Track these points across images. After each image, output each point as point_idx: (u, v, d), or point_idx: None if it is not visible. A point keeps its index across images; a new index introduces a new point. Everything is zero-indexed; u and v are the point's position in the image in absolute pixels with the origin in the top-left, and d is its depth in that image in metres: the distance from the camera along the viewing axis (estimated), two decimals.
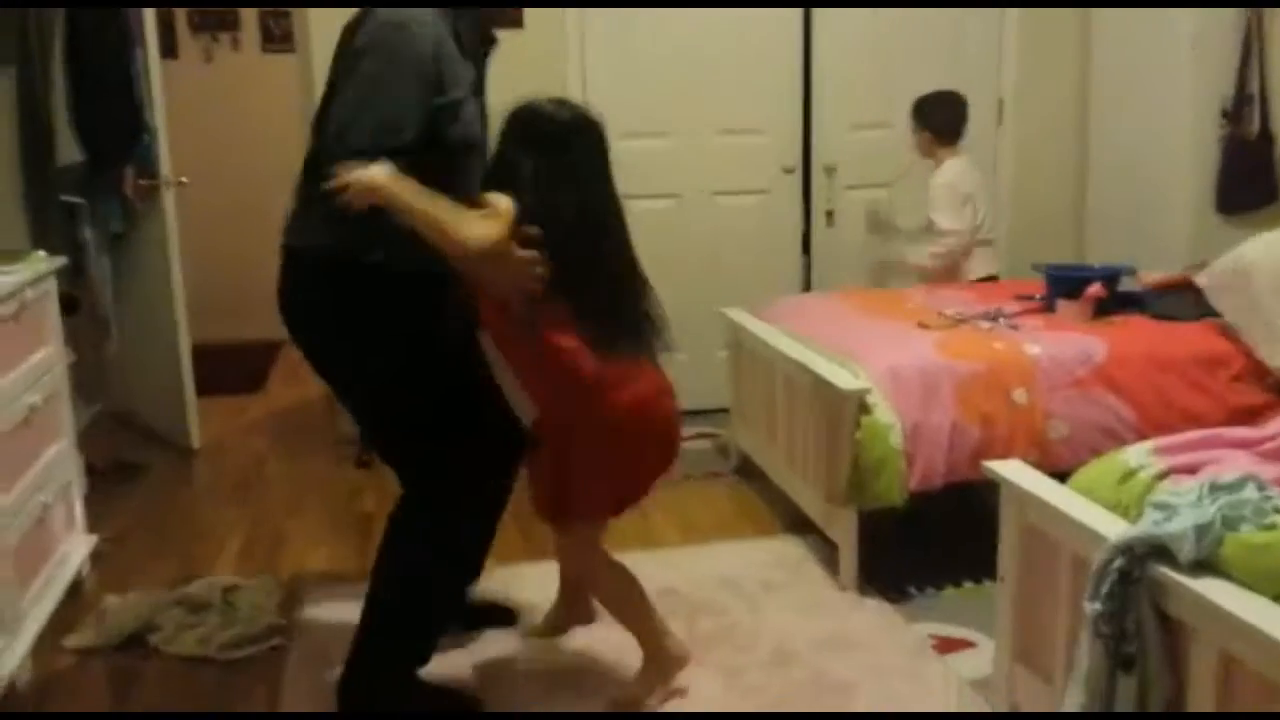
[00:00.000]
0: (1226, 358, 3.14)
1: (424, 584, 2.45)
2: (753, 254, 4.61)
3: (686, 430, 2.69)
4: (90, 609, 3.02)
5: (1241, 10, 4.02)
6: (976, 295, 3.82)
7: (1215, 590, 1.68)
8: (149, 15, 4.14)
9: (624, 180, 2.34)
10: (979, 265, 4.20)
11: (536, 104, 2.28)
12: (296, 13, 4.56)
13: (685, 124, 4.53)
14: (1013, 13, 4.67)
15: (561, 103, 2.32)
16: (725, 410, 4.09)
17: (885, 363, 3.07)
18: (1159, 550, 1.76)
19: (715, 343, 4.19)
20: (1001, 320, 3.42)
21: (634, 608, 2.54)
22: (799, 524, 3.42)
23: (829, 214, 4.64)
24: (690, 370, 4.39)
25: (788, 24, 4.48)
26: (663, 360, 2.41)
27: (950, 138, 4.18)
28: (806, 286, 4.70)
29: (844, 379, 3.04)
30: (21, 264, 2.88)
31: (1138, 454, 2.13)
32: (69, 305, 3.31)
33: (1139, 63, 4.44)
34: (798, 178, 4.60)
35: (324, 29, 4.25)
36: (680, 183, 4.57)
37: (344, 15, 2.40)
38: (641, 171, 4.25)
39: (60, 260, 3.16)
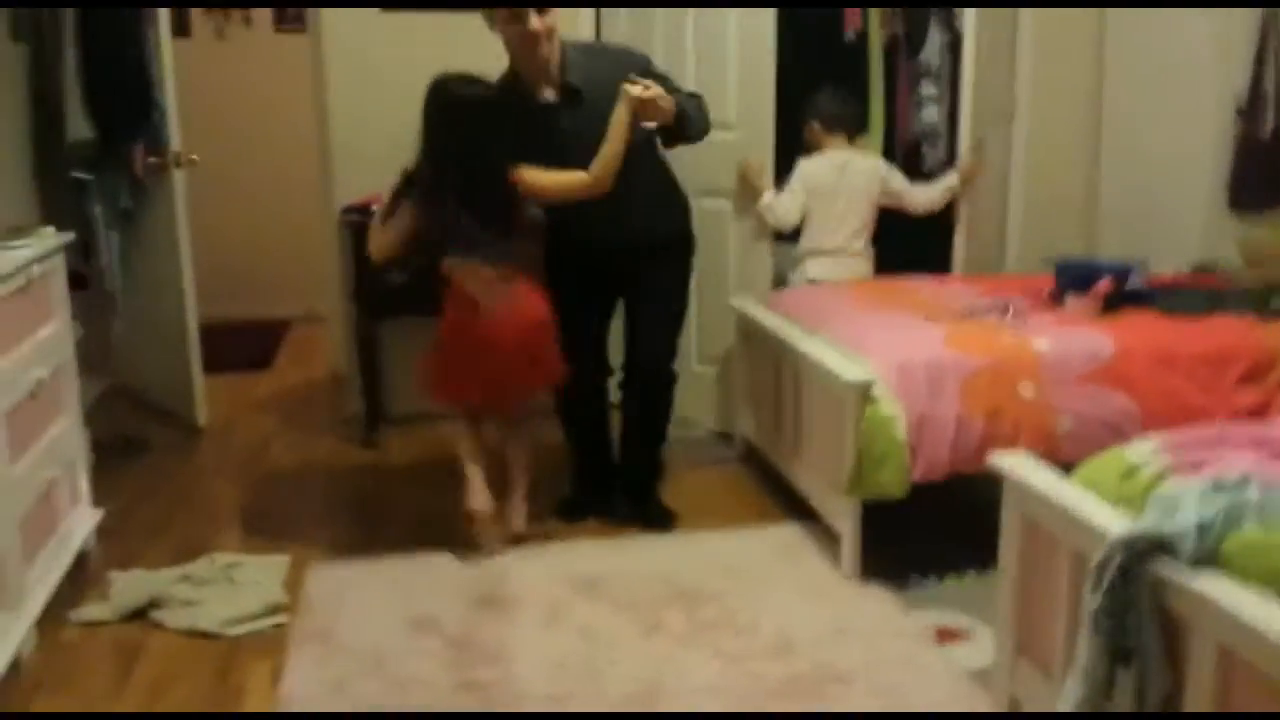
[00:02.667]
0: (1234, 356, 3.13)
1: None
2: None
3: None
4: (95, 583, 3.04)
5: (1258, 9, 4.00)
6: (985, 288, 3.81)
7: (1215, 587, 1.68)
8: None
9: None
10: (824, 271, 4.14)
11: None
12: None
13: None
14: (1027, 10, 4.63)
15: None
16: None
17: (892, 355, 3.07)
18: (1160, 546, 1.76)
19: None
20: (1010, 314, 3.41)
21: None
22: (801, 511, 3.42)
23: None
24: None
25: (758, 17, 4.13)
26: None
27: (832, 127, 4.20)
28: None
29: (849, 370, 3.04)
30: (30, 239, 2.89)
31: (1141, 450, 2.13)
32: (77, 281, 3.32)
33: (1154, 58, 4.41)
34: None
35: (335, 9, 4.26)
36: None
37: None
38: None
39: (68, 236, 3.17)
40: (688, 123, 3.21)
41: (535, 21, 3.04)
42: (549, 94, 3.18)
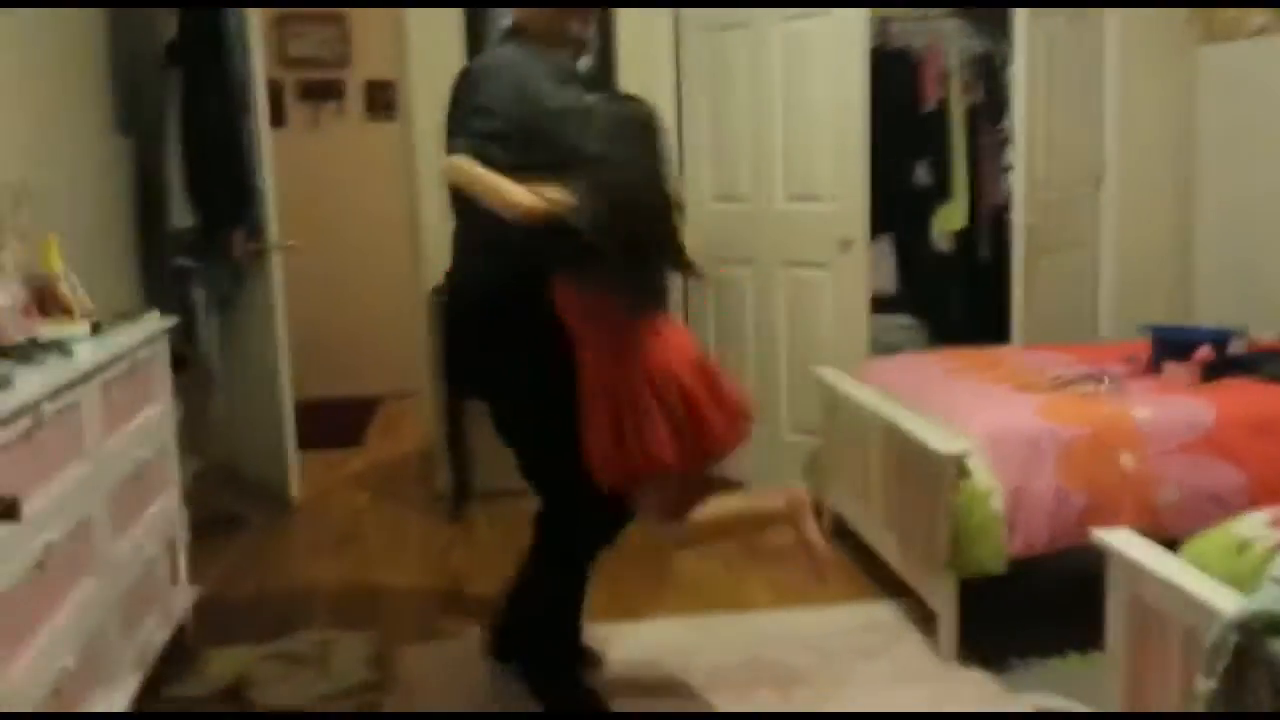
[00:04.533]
0: None
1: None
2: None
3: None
4: (191, 660, 3.09)
5: None
6: (1079, 356, 3.73)
7: None
8: (259, 84, 4.31)
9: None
10: None
11: None
12: (399, 81, 4.71)
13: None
14: (1114, 69, 4.59)
15: None
16: None
17: (985, 426, 3.01)
18: (1278, 626, 1.68)
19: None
20: (1106, 382, 3.33)
21: (730, 516, 2.74)
22: (896, 589, 3.34)
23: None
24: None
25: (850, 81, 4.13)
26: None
27: None
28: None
29: (942, 442, 2.98)
30: (135, 324, 2.99)
31: (1253, 524, 2.04)
32: (178, 362, 3.42)
33: (1245, 116, 4.33)
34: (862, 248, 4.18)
35: (425, 97, 4.39)
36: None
37: (444, 83, 2.55)
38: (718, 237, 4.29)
39: (172, 320, 3.27)
40: None
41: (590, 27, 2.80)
42: None
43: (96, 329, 2.77)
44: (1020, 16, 4.23)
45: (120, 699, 2.61)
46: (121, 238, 4.17)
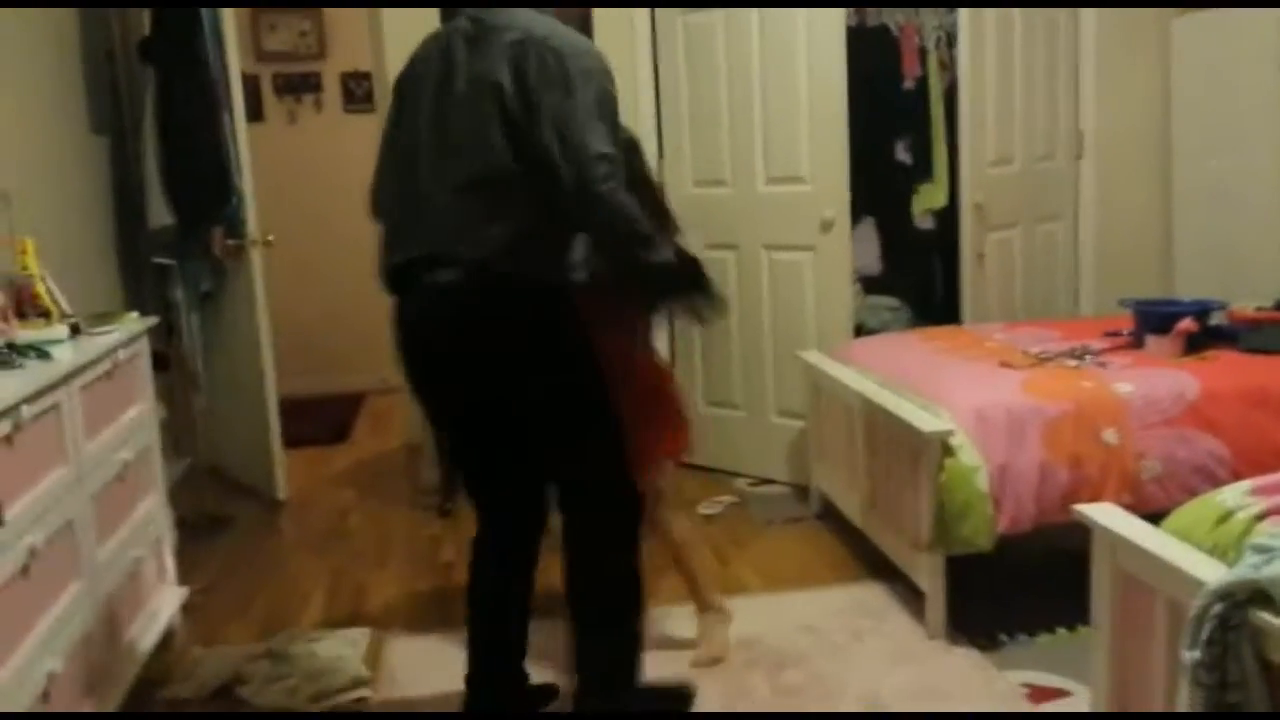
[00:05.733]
0: None
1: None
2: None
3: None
4: (180, 661, 3.08)
5: None
6: (1062, 332, 3.74)
7: None
8: (235, 79, 4.28)
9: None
10: None
11: None
12: (376, 73, 4.68)
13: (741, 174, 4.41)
14: (1090, 43, 4.59)
15: None
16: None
17: (969, 403, 3.01)
18: (1260, 595, 1.68)
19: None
20: (1089, 358, 3.34)
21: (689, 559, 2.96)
22: (883, 569, 3.35)
23: (980, 256, 4.37)
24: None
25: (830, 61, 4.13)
26: None
27: None
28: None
29: (926, 421, 2.99)
30: (116, 324, 2.98)
31: (1234, 494, 2.05)
32: (160, 362, 3.41)
33: (1223, 91, 4.34)
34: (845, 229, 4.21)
35: None
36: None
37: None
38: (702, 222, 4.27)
39: (152, 320, 3.25)
40: None
41: None
42: None
43: (75, 331, 2.76)
44: None
45: (111, 702, 2.60)
46: (100, 238, 4.14)
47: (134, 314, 3.19)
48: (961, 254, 4.35)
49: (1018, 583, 3.21)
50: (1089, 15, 4.57)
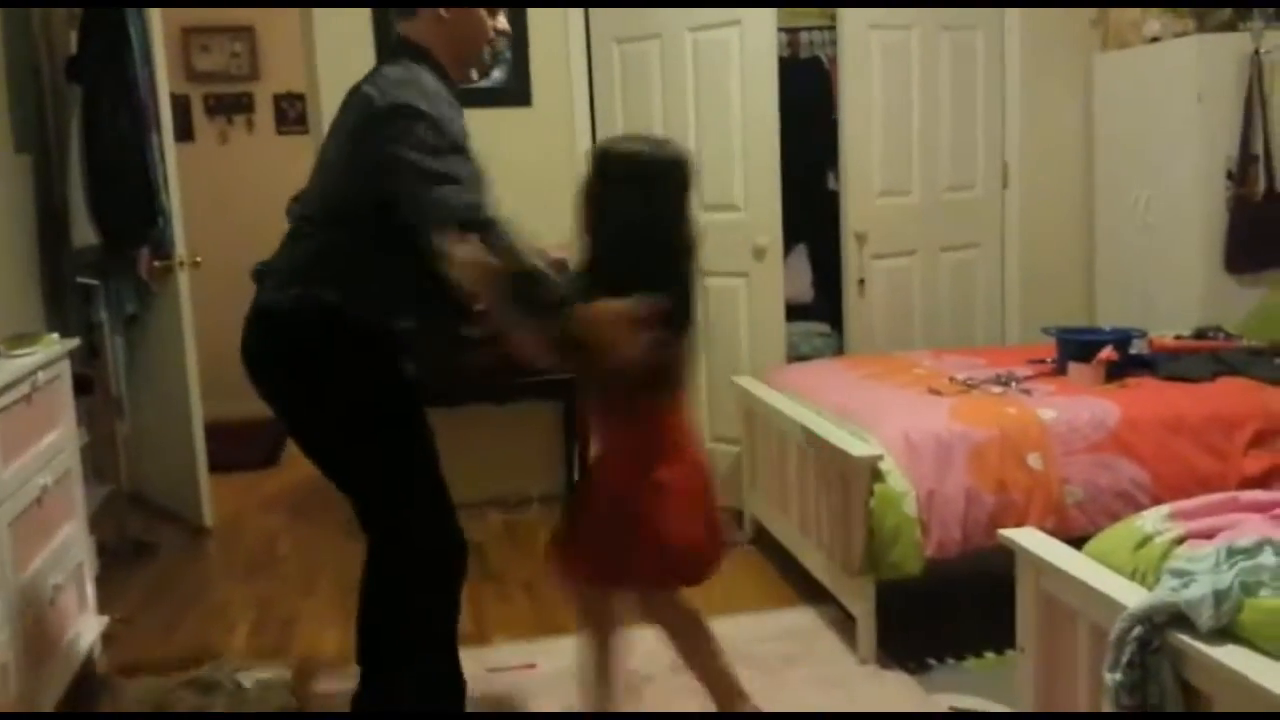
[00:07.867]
0: (1242, 420, 3.12)
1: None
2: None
3: None
4: (102, 692, 3.00)
5: (1243, 69, 4.06)
6: (987, 359, 3.81)
7: (1236, 658, 1.64)
8: (164, 99, 4.22)
9: None
10: None
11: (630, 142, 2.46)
12: (309, 94, 4.64)
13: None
14: (1015, 73, 4.70)
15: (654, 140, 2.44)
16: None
17: (898, 429, 3.06)
18: (1178, 618, 1.73)
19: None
20: (1013, 385, 3.41)
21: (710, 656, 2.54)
22: (815, 594, 3.38)
23: (860, 282, 4.42)
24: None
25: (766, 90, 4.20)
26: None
27: None
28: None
29: (856, 446, 3.02)
30: (35, 346, 2.90)
31: (1154, 519, 2.10)
32: (83, 386, 3.33)
33: (1144, 123, 4.47)
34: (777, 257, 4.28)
35: (336, 108, 4.33)
36: None
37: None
38: None
39: (73, 342, 3.18)
40: None
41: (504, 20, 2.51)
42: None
43: None
44: (845, 18, 4.29)
45: None
46: (22, 258, 4.04)
47: (55, 335, 3.12)
48: (844, 281, 4.41)
49: (947, 608, 3.26)
50: (1013, 48, 4.68)
